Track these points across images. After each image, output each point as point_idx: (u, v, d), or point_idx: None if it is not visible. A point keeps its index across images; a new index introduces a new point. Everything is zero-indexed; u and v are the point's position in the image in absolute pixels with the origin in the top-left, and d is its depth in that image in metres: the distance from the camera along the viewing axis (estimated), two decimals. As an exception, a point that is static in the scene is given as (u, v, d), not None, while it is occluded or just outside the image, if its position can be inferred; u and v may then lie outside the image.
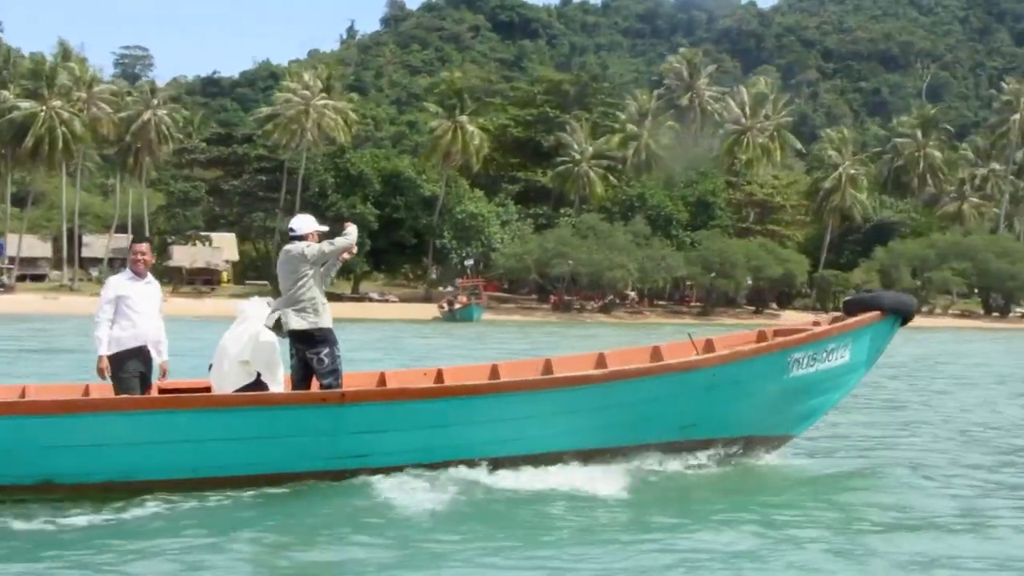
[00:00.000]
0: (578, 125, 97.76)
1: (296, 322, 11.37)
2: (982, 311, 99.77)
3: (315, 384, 11.64)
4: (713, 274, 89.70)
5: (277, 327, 11.49)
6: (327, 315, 11.57)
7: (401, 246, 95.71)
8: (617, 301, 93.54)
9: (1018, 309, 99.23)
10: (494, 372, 13.27)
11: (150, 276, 11.57)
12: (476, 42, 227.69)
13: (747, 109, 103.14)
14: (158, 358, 11.49)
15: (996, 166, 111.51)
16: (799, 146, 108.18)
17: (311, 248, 11.49)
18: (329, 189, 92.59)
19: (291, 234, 11.76)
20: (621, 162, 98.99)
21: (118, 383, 11.18)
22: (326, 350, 11.44)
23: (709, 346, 13.61)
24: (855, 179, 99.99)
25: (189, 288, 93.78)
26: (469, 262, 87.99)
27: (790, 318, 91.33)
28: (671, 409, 12.18)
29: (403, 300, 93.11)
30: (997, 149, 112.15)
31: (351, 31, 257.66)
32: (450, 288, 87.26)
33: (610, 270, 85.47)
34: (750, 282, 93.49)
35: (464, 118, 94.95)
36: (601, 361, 13.40)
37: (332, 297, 13.42)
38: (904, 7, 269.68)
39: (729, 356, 12.54)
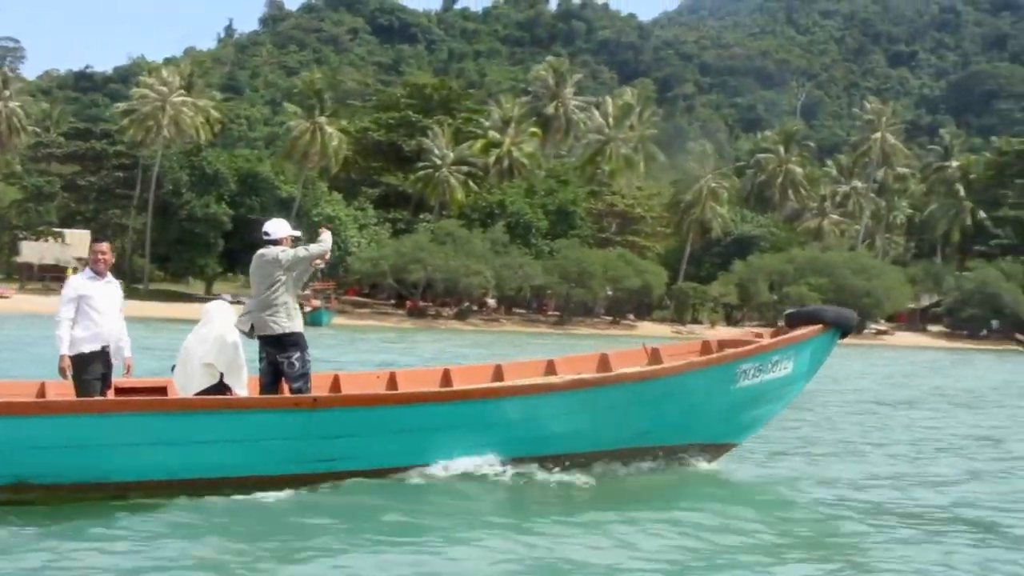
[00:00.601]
0: (440, 130, 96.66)
1: (269, 326, 11.56)
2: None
3: (284, 388, 11.84)
4: (571, 284, 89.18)
5: (250, 331, 11.70)
6: (299, 320, 11.77)
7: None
8: (475, 308, 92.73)
9: (873, 326, 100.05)
10: (446, 377, 13.56)
11: (110, 276, 11.63)
12: (355, 45, 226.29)
13: (610, 120, 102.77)
14: (120, 357, 11.56)
15: (858, 184, 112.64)
16: (662, 158, 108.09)
17: (286, 253, 11.70)
18: (183, 187, 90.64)
19: (265, 238, 11.91)
20: (483, 169, 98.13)
21: (80, 385, 11.23)
22: (297, 354, 11.65)
23: (655, 356, 14.12)
24: (716, 192, 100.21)
25: (39, 284, 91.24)
26: (321, 265, 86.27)
27: (648, 328, 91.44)
28: (630, 416, 12.55)
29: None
30: (859, 167, 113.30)
31: (229, 30, 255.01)
32: (305, 292, 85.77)
33: (466, 277, 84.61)
34: (610, 292, 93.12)
35: (323, 119, 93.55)
36: (551, 368, 13.97)
37: (184, 298, 12.96)
38: (782, 25, 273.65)
39: (685, 366, 12.95)
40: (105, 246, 11.64)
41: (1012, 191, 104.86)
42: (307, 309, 77.75)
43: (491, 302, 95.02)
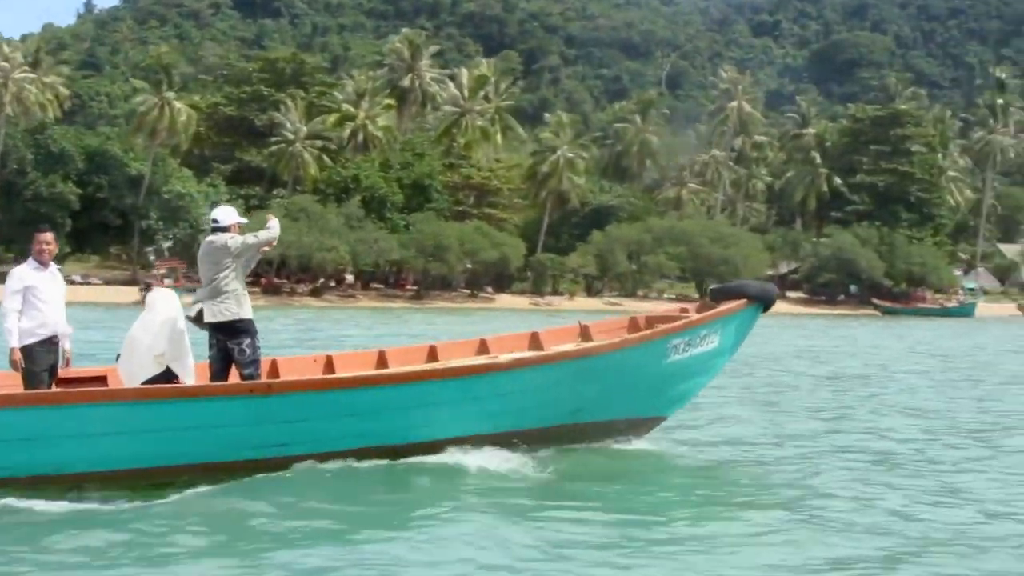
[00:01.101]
0: (292, 104, 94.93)
1: (219, 313, 11.59)
2: (696, 295, 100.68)
3: (234, 374, 11.88)
4: (428, 258, 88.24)
5: (199, 318, 11.67)
6: (248, 306, 11.81)
7: (105, 227, 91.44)
8: (331, 284, 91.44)
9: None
10: (382, 359, 13.80)
11: (54, 266, 11.56)
12: (216, 19, 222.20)
13: (465, 92, 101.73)
14: (63, 346, 11.50)
15: (717, 152, 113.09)
16: (520, 130, 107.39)
17: (235, 240, 11.69)
18: (28, 166, 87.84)
19: (214, 225, 11.93)
20: (338, 143, 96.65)
21: (28, 377, 11.17)
22: (248, 340, 11.72)
23: (586, 333, 14.67)
24: (573, 163, 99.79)
25: None
26: (167, 244, 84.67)
27: (506, 301, 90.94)
28: (571, 393, 12.90)
29: (109, 283, 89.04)
30: (717, 136, 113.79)
31: (88, 5, 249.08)
32: (153, 271, 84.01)
33: (320, 252, 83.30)
34: (468, 266, 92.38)
35: (171, 94, 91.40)
36: (483, 347, 14.40)
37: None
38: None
39: (621, 343, 13.35)
40: (49, 236, 11.54)
41: (867, 157, 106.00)
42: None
43: (348, 278, 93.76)
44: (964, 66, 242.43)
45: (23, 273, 11.27)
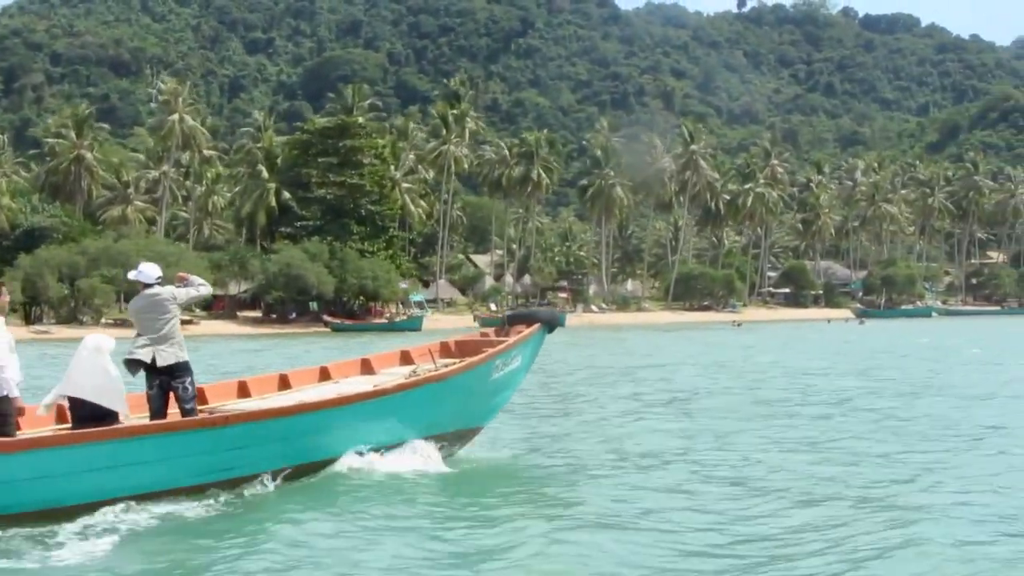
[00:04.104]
0: None
1: (171, 356, 12.80)
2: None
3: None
4: None
5: (136, 361, 12.72)
6: (186, 349, 13.06)
7: None
8: None
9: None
10: (283, 381, 15.88)
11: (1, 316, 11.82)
12: None
13: None
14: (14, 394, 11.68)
15: (168, 169, 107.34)
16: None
17: (181, 291, 13.09)
18: None
19: (147, 281, 12.95)
20: None
21: None
22: (189, 379, 13.01)
23: (406, 356, 17.20)
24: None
25: None
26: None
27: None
28: (433, 410, 14.92)
29: None
30: (166, 151, 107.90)
31: None
32: None
33: None
34: None
35: None
36: (325, 374, 16.47)
37: None
38: (137, 13, 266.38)
39: (468, 364, 15.36)
40: (3, 288, 12.06)
41: (316, 170, 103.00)
42: None
43: None
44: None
45: None
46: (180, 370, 12.77)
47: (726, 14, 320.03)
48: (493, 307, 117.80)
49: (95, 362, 12.17)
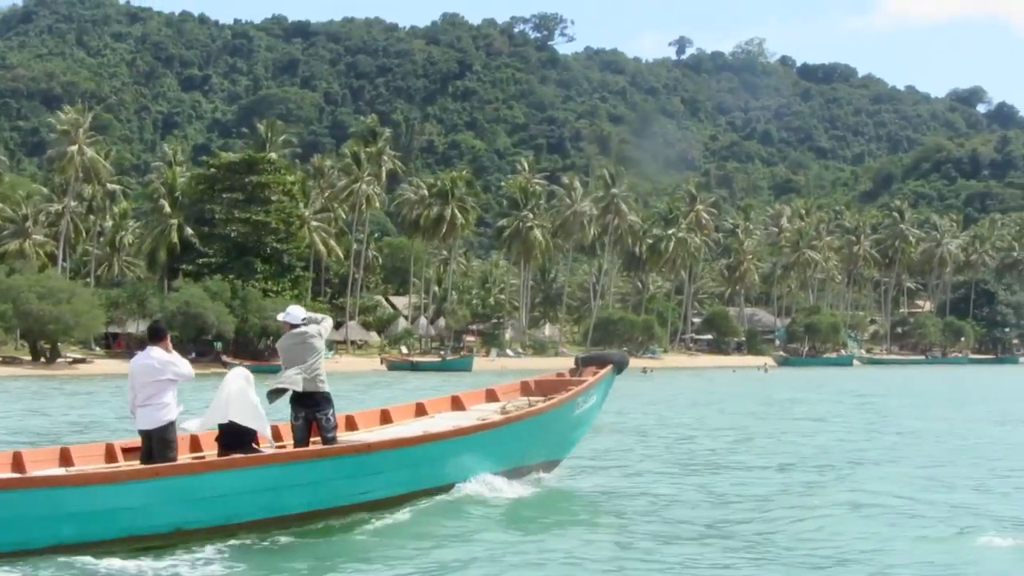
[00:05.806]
0: None
1: (318, 387, 14.23)
2: (30, 358, 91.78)
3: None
4: None
5: (279, 391, 14.26)
6: (327, 383, 14.47)
7: None
8: None
9: (69, 355, 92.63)
10: (385, 416, 17.41)
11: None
12: None
13: None
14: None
15: (69, 202, 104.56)
16: None
17: (323, 332, 14.44)
18: None
19: (295, 322, 14.41)
20: None
21: None
22: (331, 410, 14.43)
23: (491, 394, 19.17)
24: None
25: None
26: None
27: None
28: (534, 441, 16.89)
29: None
30: (65, 183, 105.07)
31: None
32: None
33: None
34: None
35: None
36: (421, 410, 18.14)
37: None
38: (71, 47, 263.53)
39: (559, 401, 17.03)
40: None
41: (221, 206, 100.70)
42: None
43: None
44: (391, 123, 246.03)
45: None
46: (325, 401, 14.36)
47: (665, 60, 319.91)
48: (404, 350, 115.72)
49: (246, 392, 13.51)
